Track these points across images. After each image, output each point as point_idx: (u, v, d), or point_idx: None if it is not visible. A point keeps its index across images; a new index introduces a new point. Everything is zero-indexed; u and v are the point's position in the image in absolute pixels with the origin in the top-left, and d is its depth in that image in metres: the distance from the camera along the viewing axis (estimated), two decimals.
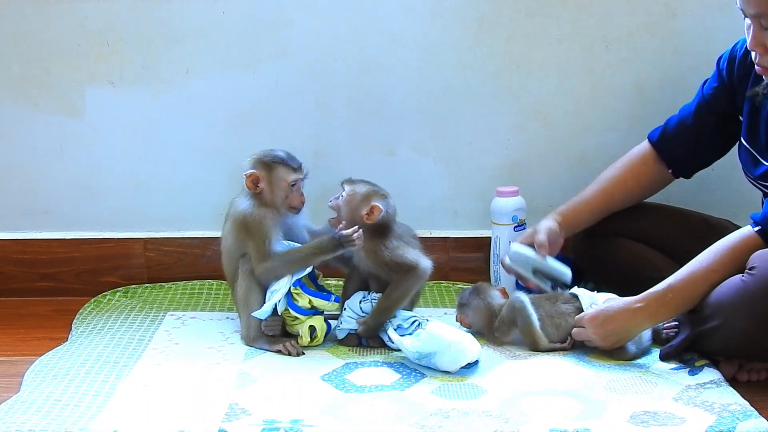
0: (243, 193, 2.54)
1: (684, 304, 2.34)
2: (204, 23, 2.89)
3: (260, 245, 2.47)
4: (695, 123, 2.59)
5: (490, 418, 2.09)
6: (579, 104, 2.95)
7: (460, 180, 3.00)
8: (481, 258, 2.97)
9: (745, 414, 2.09)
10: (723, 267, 2.30)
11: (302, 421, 2.07)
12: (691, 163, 2.66)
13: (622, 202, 2.69)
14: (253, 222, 2.48)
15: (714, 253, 2.33)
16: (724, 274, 2.29)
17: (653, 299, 2.34)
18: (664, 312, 2.36)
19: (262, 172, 2.51)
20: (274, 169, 2.51)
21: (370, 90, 2.94)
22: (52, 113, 2.92)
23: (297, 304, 2.47)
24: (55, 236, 2.98)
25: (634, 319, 2.37)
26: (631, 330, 2.39)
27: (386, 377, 2.31)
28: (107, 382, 2.27)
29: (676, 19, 2.89)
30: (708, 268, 2.31)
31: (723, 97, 2.52)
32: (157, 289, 2.94)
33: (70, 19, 2.87)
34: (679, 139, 2.62)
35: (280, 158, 2.52)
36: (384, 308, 2.48)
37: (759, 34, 2.21)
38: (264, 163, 2.52)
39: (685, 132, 2.61)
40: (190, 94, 2.92)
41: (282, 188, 2.51)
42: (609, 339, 2.40)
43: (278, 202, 2.51)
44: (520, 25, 2.90)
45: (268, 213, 2.50)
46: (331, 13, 2.89)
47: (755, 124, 2.44)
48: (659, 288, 2.34)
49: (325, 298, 2.50)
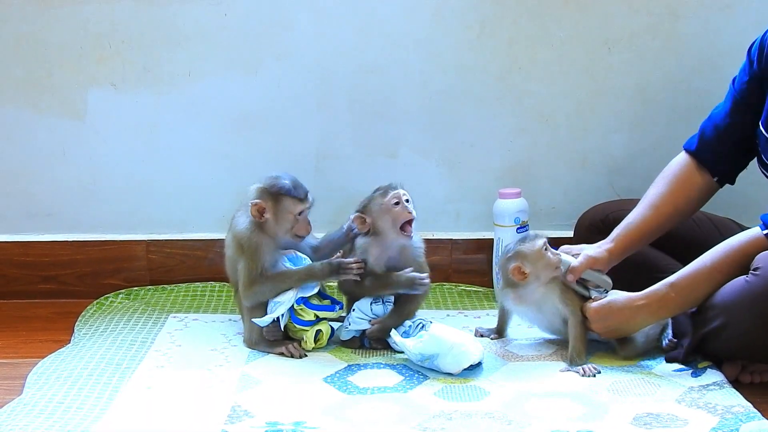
0: (246, 208, 2.50)
1: (686, 303, 2.33)
2: (206, 26, 2.89)
3: (251, 269, 2.45)
4: (733, 121, 2.48)
5: (493, 420, 2.09)
6: (581, 106, 2.95)
7: (462, 182, 3.00)
8: (484, 260, 2.97)
9: (748, 416, 2.09)
10: (727, 267, 2.29)
11: (305, 423, 2.06)
12: (735, 164, 2.53)
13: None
14: (249, 245, 2.46)
15: (719, 253, 2.32)
16: (728, 274, 2.28)
17: (655, 297, 2.34)
18: (665, 310, 2.36)
19: (268, 203, 2.46)
20: (281, 201, 2.46)
21: (373, 92, 2.94)
22: (55, 115, 2.93)
23: (301, 319, 2.47)
24: (57, 238, 2.98)
25: (635, 316, 2.37)
26: (632, 327, 2.39)
27: (389, 379, 2.31)
28: (110, 385, 2.27)
29: (678, 21, 2.89)
30: (712, 268, 2.31)
31: (756, 88, 2.43)
32: (160, 291, 2.94)
33: (73, 22, 2.87)
34: (719, 142, 2.50)
35: (286, 189, 2.46)
36: (407, 313, 2.50)
37: None
38: (270, 194, 2.46)
39: (723, 133, 2.49)
40: (192, 97, 2.93)
41: (288, 220, 2.47)
42: (609, 334, 2.41)
43: (282, 232, 2.48)
44: (522, 27, 2.90)
45: (266, 240, 2.47)
46: (333, 16, 2.89)
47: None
48: (662, 286, 2.34)
49: (331, 309, 2.50)
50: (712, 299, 2.30)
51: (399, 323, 2.48)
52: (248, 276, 2.45)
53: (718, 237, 2.38)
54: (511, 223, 2.83)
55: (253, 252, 2.45)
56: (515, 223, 2.83)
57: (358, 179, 2.92)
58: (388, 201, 2.47)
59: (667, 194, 2.53)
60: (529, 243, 2.45)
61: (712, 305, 2.29)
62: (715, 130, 2.51)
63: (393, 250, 2.50)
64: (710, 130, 2.52)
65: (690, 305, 2.33)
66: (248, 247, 2.46)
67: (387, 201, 2.47)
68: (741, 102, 2.47)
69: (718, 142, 2.50)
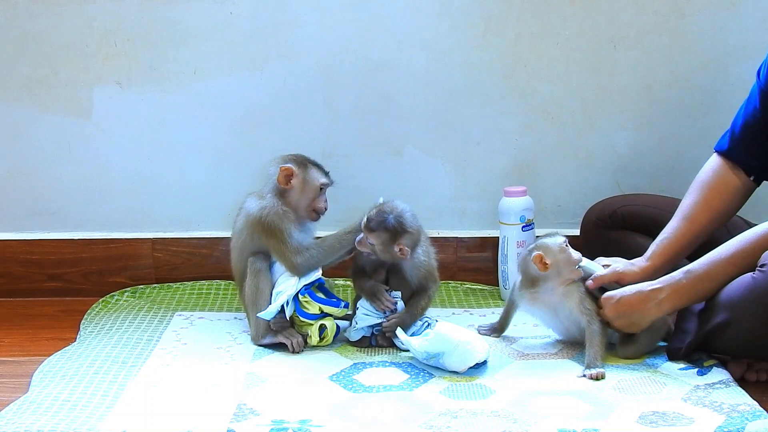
0: (258, 192, 2.54)
1: (699, 293, 2.32)
2: (211, 24, 2.89)
3: (287, 240, 2.47)
4: (764, 116, 2.42)
5: (499, 418, 2.09)
6: (587, 104, 2.95)
7: (467, 180, 3.00)
8: (489, 258, 2.96)
9: (754, 414, 2.09)
10: (743, 261, 2.27)
11: (310, 422, 2.06)
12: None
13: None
14: (272, 221, 2.48)
15: (735, 246, 2.29)
16: (742, 268, 2.26)
17: (668, 285, 2.33)
18: (678, 299, 2.33)
19: (297, 170, 2.51)
20: (309, 169, 2.53)
21: (378, 90, 2.94)
22: (60, 114, 2.93)
23: (306, 312, 2.47)
24: (63, 237, 2.99)
25: (647, 302, 2.34)
26: (644, 314, 2.36)
27: (394, 377, 2.31)
28: (115, 383, 2.28)
29: (684, 18, 2.88)
30: (727, 261, 2.29)
31: None
32: (165, 289, 2.94)
33: (78, 20, 2.88)
34: (752, 138, 2.44)
35: (313, 161, 2.55)
36: (421, 309, 2.51)
37: None
38: (299, 161, 2.53)
39: (756, 128, 2.43)
40: (197, 95, 2.93)
41: (313, 189, 2.52)
42: (620, 321, 2.38)
43: (303, 203, 2.52)
44: (527, 24, 2.90)
45: (288, 213, 2.50)
46: (338, 14, 2.89)
47: None
48: (676, 274, 2.33)
49: (335, 305, 2.50)
50: (717, 296, 2.29)
51: (414, 321, 2.49)
52: (288, 247, 2.47)
53: (727, 236, 2.37)
54: (517, 221, 2.83)
55: (279, 223, 2.47)
56: (521, 221, 2.83)
57: (364, 177, 2.93)
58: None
59: (701, 203, 2.47)
60: (552, 238, 2.46)
61: (717, 302, 2.29)
62: (745, 127, 2.45)
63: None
64: (740, 127, 2.46)
65: (702, 296, 2.32)
66: (272, 222, 2.48)
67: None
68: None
69: (750, 139, 2.45)
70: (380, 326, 2.49)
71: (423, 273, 2.52)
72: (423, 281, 2.52)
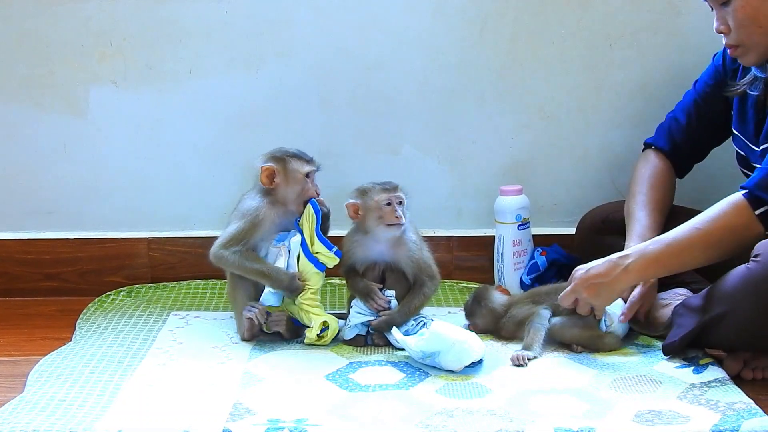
0: (254, 190, 2.55)
1: (667, 262, 2.35)
2: (207, 23, 2.89)
3: (239, 233, 2.49)
4: (695, 123, 2.66)
5: (495, 417, 2.09)
6: (583, 102, 2.95)
7: (464, 179, 3.00)
8: (485, 257, 2.96)
9: (750, 412, 2.09)
10: (706, 225, 2.31)
11: (307, 421, 2.06)
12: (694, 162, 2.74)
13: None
14: (253, 214, 2.50)
15: (701, 215, 2.35)
16: (706, 232, 2.31)
17: (635, 251, 2.36)
18: (645, 266, 2.35)
19: (277, 166, 2.52)
20: (289, 162, 2.53)
21: (374, 89, 2.94)
22: (56, 113, 2.93)
23: (310, 251, 2.49)
24: (59, 236, 2.99)
25: (615, 269, 2.35)
26: (612, 283, 2.36)
27: (391, 376, 2.31)
28: (111, 382, 2.27)
29: (680, 17, 2.89)
30: (691, 226, 2.33)
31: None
32: (161, 288, 2.94)
33: (74, 19, 2.87)
34: (682, 140, 2.68)
35: (292, 152, 2.55)
36: (414, 308, 2.51)
37: (720, 13, 2.34)
38: (277, 157, 2.53)
39: (686, 132, 2.67)
40: (193, 94, 2.93)
41: (297, 180, 2.52)
42: (589, 290, 2.38)
43: (292, 196, 2.52)
44: (523, 23, 2.90)
45: (276, 213, 2.51)
46: (334, 12, 2.89)
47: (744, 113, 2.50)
48: (644, 242, 2.38)
49: (329, 247, 2.50)
50: (713, 287, 2.31)
51: (405, 320, 2.48)
52: (230, 236, 2.50)
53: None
54: (513, 220, 2.83)
55: (252, 220, 2.49)
56: (516, 220, 2.83)
57: (360, 176, 2.90)
58: (380, 199, 2.47)
59: (663, 196, 2.65)
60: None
61: (712, 294, 2.30)
62: (678, 130, 2.68)
63: (381, 244, 2.51)
64: (676, 128, 2.68)
65: (670, 265, 2.36)
66: (252, 215, 2.49)
67: (379, 199, 2.48)
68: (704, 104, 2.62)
69: (681, 141, 2.67)
70: None
71: (416, 265, 2.51)
72: (418, 277, 2.52)
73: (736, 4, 2.31)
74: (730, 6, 2.32)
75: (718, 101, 2.59)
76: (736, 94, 2.51)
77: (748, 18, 2.31)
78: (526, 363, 2.36)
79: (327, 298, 2.83)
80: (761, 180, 2.29)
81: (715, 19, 2.37)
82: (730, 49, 2.38)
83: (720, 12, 2.35)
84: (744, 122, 2.50)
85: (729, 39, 2.36)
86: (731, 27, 2.33)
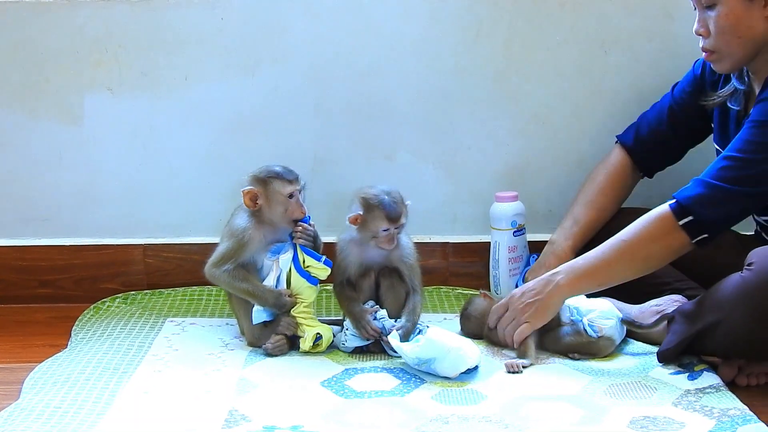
0: (241, 208, 2.54)
1: (594, 272, 2.39)
2: (203, 29, 2.89)
3: (228, 252, 2.50)
4: (667, 128, 2.69)
5: (490, 423, 2.09)
6: (578, 108, 2.95)
7: (459, 185, 3.00)
8: (481, 263, 2.96)
9: (745, 419, 2.09)
10: (632, 237, 2.36)
11: (302, 427, 2.07)
12: (664, 164, 2.79)
13: (609, 216, 2.72)
14: (241, 235, 2.50)
15: (628, 227, 2.38)
16: (632, 244, 2.35)
17: (565, 267, 2.42)
18: (576, 281, 2.40)
19: (259, 188, 2.50)
20: (270, 184, 2.50)
21: (370, 95, 2.94)
22: (51, 120, 2.93)
23: (304, 270, 2.49)
24: (54, 243, 2.98)
25: (547, 286, 2.41)
26: (547, 300, 2.41)
27: (386, 383, 2.31)
28: (107, 389, 2.27)
29: (674, 23, 2.89)
30: (619, 239, 2.37)
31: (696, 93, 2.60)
32: (157, 295, 2.94)
33: (69, 27, 2.87)
34: (654, 142, 2.71)
35: (275, 172, 2.51)
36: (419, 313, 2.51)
37: (702, 15, 2.35)
38: (259, 179, 2.51)
39: (657, 135, 2.70)
40: (189, 101, 2.93)
41: (280, 202, 2.50)
42: (528, 307, 2.42)
43: (277, 217, 2.51)
44: (518, 29, 2.91)
45: (263, 233, 2.51)
46: (330, 18, 2.90)
47: (725, 127, 2.52)
48: (575, 258, 2.45)
49: (317, 258, 2.49)
50: (707, 295, 2.31)
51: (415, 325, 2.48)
52: (221, 256, 2.51)
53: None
54: (508, 226, 2.83)
55: (239, 241, 2.49)
56: (512, 227, 2.83)
57: (355, 182, 2.90)
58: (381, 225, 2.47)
59: (606, 192, 2.72)
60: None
61: (706, 302, 2.31)
62: (649, 132, 2.71)
63: (372, 250, 2.51)
64: (646, 130, 2.71)
65: (600, 279, 2.40)
66: (239, 236, 2.50)
67: (380, 225, 2.47)
68: (678, 107, 2.65)
69: (653, 143, 2.71)
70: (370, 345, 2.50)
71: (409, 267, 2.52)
72: (410, 278, 2.52)
73: (720, 11, 2.32)
74: (714, 11, 2.33)
75: (693, 108, 2.61)
76: (714, 105, 2.53)
77: (729, 26, 2.32)
78: (521, 370, 2.36)
79: (323, 304, 2.83)
80: (689, 190, 2.33)
81: (696, 21, 2.37)
82: (705, 53, 2.39)
83: (702, 14, 2.36)
84: (725, 137, 2.51)
85: (706, 43, 2.37)
86: (711, 32, 2.34)
